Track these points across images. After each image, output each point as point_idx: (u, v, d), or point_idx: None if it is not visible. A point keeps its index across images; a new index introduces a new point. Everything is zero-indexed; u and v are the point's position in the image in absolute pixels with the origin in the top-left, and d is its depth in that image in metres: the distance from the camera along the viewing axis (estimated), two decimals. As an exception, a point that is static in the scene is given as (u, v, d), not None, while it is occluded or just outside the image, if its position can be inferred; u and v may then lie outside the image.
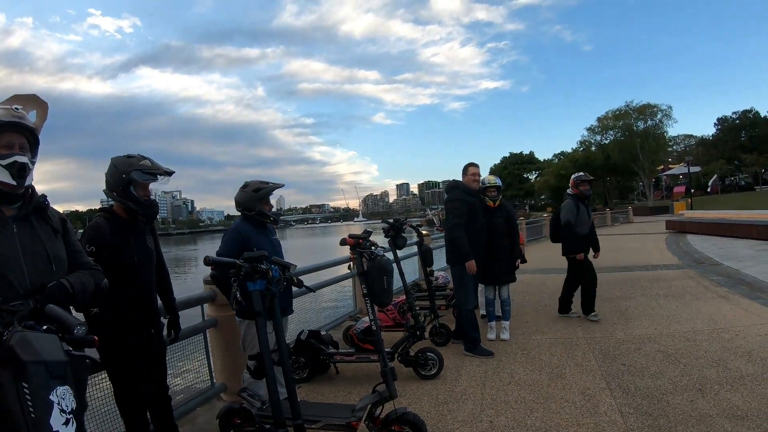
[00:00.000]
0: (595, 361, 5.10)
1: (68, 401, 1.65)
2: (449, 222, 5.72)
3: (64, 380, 1.67)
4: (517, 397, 4.31)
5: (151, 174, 3.02)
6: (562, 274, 10.95)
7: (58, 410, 1.60)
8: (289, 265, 2.93)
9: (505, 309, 6.09)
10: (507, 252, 5.95)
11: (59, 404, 1.61)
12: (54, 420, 1.58)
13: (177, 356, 4.23)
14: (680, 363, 4.84)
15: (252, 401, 3.49)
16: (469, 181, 5.83)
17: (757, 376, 4.34)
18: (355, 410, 3.44)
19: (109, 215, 3.08)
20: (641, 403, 4.01)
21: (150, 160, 3.07)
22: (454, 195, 5.78)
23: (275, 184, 3.96)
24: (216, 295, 4.41)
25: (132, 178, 2.97)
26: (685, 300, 7.68)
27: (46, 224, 2.27)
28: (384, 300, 3.87)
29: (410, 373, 4.93)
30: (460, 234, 5.51)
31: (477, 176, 5.87)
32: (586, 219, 6.96)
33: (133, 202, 3.01)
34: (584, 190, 7.05)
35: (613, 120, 60.69)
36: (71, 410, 1.66)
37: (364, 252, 3.83)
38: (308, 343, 4.92)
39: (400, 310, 6.08)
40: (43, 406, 1.56)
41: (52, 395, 1.60)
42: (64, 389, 1.65)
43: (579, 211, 6.85)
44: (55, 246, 2.27)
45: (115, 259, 2.95)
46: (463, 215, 5.57)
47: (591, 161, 64.29)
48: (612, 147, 60.40)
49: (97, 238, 2.94)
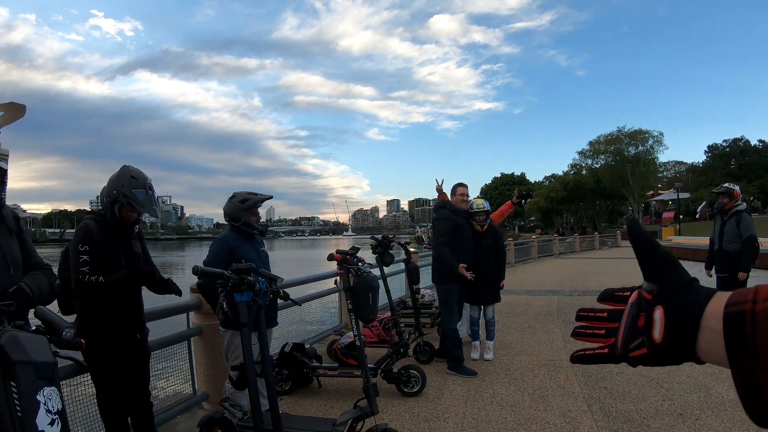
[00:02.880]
0: (578, 383, 5.11)
1: (55, 402, 1.67)
2: (435, 240, 5.76)
3: (52, 381, 1.68)
4: (498, 417, 4.32)
5: (134, 206, 3.07)
6: (549, 295, 11.05)
7: (44, 410, 1.61)
8: (276, 278, 2.94)
9: (489, 329, 6.09)
10: (493, 273, 5.96)
11: (46, 404, 1.62)
12: (40, 420, 1.59)
13: (161, 363, 4.22)
14: (662, 387, 4.87)
15: (233, 411, 3.49)
16: (457, 201, 5.90)
17: (737, 403, 4.31)
18: (336, 424, 3.45)
19: (98, 218, 3.10)
20: (622, 426, 4.03)
21: (147, 188, 3.12)
22: (442, 214, 5.83)
23: (262, 196, 3.98)
24: (202, 304, 4.41)
25: (118, 199, 3.04)
26: (668, 326, 7.67)
27: (1, 224, 2.30)
28: (368, 316, 3.89)
29: (393, 390, 4.93)
30: (445, 251, 5.54)
31: (465, 196, 5.94)
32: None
33: (112, 219, 3.07)
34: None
35: (605, 144, 61.20)
36: (57, 411, 1.66)
37: (350, 268, 3.86)
38: (292, 356, 4.91)
39: (384, 327, 6.09)
40: (29, 405, 1.57)
41: (39, 395, 1.61)
42: (51, 390, 1.66)
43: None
44: (11, 248, 2.29)
45: (102, 262, 2.97)
46: (449, 234, 5.62)
47: (581, 184, 64.82)
48: (603, 171, 60.86)
49: (88, 239, 2.97)
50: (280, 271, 3.35)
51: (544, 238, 29.80)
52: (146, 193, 3.11)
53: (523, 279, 14.45)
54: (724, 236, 6.17)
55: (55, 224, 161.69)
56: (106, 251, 3.02)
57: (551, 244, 27.06)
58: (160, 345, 4.08)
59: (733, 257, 6.04)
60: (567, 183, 67.93)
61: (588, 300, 10.61)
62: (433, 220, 6.04)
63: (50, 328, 1.81)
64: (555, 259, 23.64)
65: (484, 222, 5.95)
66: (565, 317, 8.63)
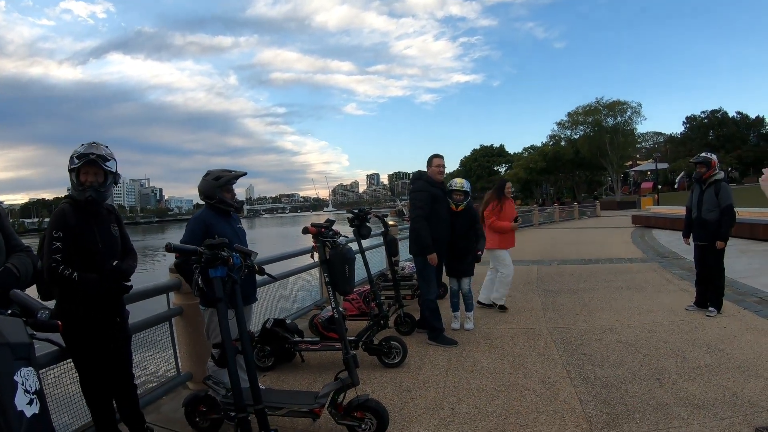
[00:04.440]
0: (557, 350, 5.20)
1: (32, 382, 1.67)
2: (412, 213, 5.74)
3: (29, 361, 1.68)
4: (479, 385, 4.39)
5: (75, 158, 3.00)
6: (528, 265, 11.16)
7: (22, 390, 1.61)
8: (250, 252, 2.93)
9: (467, 301, 6.11)
10: (466, 251, 5.94)
11: (23, 385, 1.62)
12: (18, 400, 1.59)
13: (143, 345, 4.21)
14: (640, 353, 4.96)
15: (217, 389, 3.50)
16: (433, 172, 5.82)
17: (714, 367, 4.47)
18: (318, 397, 3.48)
19: (73, 201, 3.06)
20: (600, 391, 4.11)
21: (91, 144, 3.06)
22: (418, 186, 5.79)
23: (237, 172, 3.93)
24: (181, 284, 4.38)
25: (72, 168, 2.99)
26: (647, 292, 7.84)
27: None
28: (345, 288, 3.90)
29: (375, 362, 4.98)
30: (422, 225, 5.54)
31: (441, 167, 5.85)
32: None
33: (73, 187, 3.03)
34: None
35: (583, 115, 61.38)
36: (35, 390, 1.66)
37: (326, 240, 3.85)
38: (273, 332, 4.92)
39: (365, 300, 6.11)
40: (7, 386, 1.57)
41: (17, 376, 1.61)
42: (28, 370, 1.66)
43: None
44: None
45: (79, 244, 2.94)
46: (426, 206, 5.62)
47: (560, 155, 65.14)
48: (581, 142, 61.14)
49: (62, 224, 2.93)
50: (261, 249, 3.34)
51: (524, 209, 29.99)
52: (88, 146, 3.05)
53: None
54: (703, 205, 6.20)
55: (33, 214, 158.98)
56: (81, 235, 2.98)
57: (531, 214, 27.25)
58: (141, 327, 4.05)
59: (711, 226, 6.09)
60: (546, 154, 68.25)
61: (567, 268, 10.78)
62: (410, 192, 6.01)
63: (25, 310, 1.79)
64: (535, 230, 23.84)
65: (460, 202, 5.88)
66: (545, 286, 8.76)
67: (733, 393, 3.91)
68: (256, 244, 4.07)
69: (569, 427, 3.54)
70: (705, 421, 3.48)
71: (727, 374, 4.30)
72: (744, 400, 3.77)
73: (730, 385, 4.07)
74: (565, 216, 31.12)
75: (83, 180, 3.03)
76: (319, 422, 3.64)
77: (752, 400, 3.77)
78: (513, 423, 3.65)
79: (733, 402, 3.75)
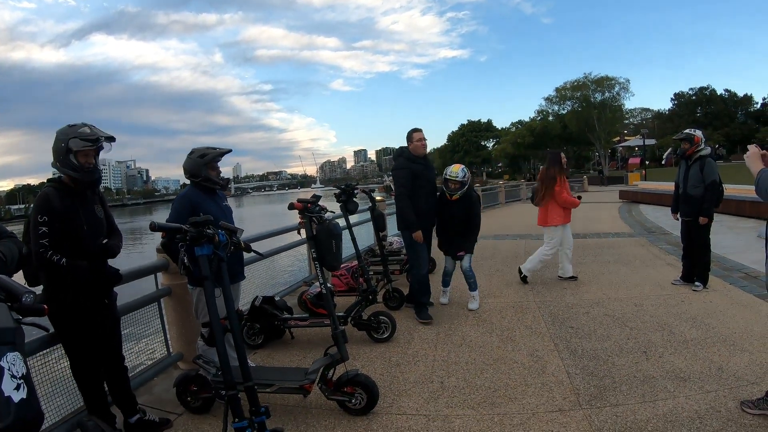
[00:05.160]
0: (545, 324, 5.25)
1: (18, 367, 1.65)
2: (396, 191, 5.67)
3: (14, 346, 1.66)
4: (468, 359, 4.43)
5: (88, 140, 2.96)
6: (515, 239, 11.22)
7: (8, 375, 1.60)
8: (236, 229, 2.91)
9: (469, 281, 5.95)
10: (461, 236, 5.82)
11: (9, 370, 1.61)
12: (5, 385, 1.58)
13: (132, 326, 4.19)
14: (627, 327, 5.02)
15: (207, 368, 3.50)
16: (416, 147, 5.66)
17: (700, 341, 4.53)
18: (308, 373, 3.50)
19: (57, 185, 3.02)
20: (588, 364, 4.17)
21: (90, 126, 3.01)
22: (399, 163, 5.71)
23: (221, 150, 3.89)
24: (169, 264, 4.35)
25: (69, 146, 2.93)
26: (634, 266, 7.90)
27: None
28: (333, 263, 3.89)
29: (364, 337, 5.01)
30: (405, 203, 5.49)
31: (422, 141, 5.68)
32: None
33: (74, 170, 2.96)
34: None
35: (571, 91, 61.27)
36: (22, 375, 1.65)
37: (312, 216, 3.84)
38: (262, 309, 4.92)
39: (353, 275, 6.12)
40: None
41: (2, 361, 1.60)
42: (14, 355, 1.65)
43: None
44: None
45: (65, 228, 2.92)
46: (408, 184, 5.54)
47: (548, 130, 65.18)
48: (569, 117, 61.14)
49: (47, 208, 2.89)
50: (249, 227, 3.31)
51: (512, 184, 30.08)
52: (90, 127, 3.02)
53: (491, 224, 14.69)
54: (689, 181, 6.21)
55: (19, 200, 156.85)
56: (67, 218, 2.95)
57: (518, 189, 27.37)
58: (130, 309, 4.02)
59: (696, 202, 6.10)
60: (534, 129, 68.35)
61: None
62: (392, 170, 5.95)
63: (9, 295, 1.78)
64: (522, 204, 23.87)
65: (454, 191, 5.66)
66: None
67: (719, 366, 3.96)
68: (244, 223, 4.07)
69: (557, 399, 3.59)
70: (691, 394, 3.54)
71: (713, 348, 4.36)
72: (729, 374, 3.82)
73: (716, 358, 4.13)
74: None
75: (83, 162, 3.00)
76: (309, 398, 3.67)
77: (737, 373, 3.83)
78: (502, 395, 3.70)
79: (719, 375, 3.81)
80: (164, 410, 3.72)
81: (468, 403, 3.61)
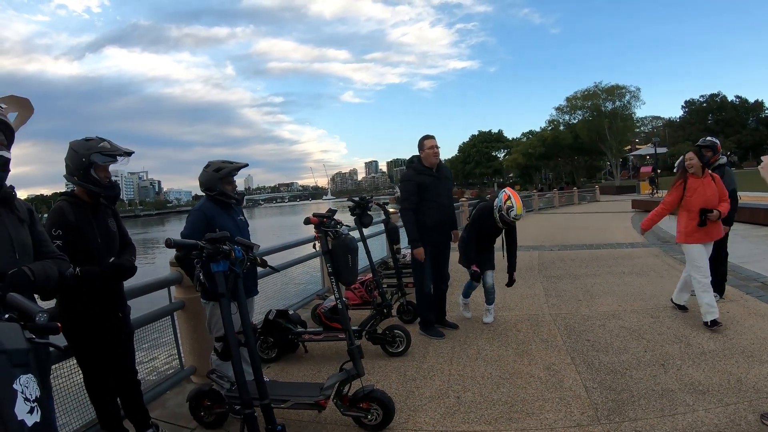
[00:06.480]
0: (561, 337, 5.19)
1: (32, 389, 1.62)
2: (400, 203, 5.52)
3: (27, 368, 1.64)
4: (483, 373, 4.38)
5: (110, 156, 2.98)
6: (529, 251, 11.15)
7: (22, 399, 1.57)
8: (252, 245, 2.90)
9: (490, 296, 5.83)
10: (492, 251, 5.76)
11: (23, 393, 1.58)
12: (18, 409, 1.55)
13: (146, 340, 4.18)
14: (644, 339, 4.94)
15: (221, 383, 3.49)
16: (427, 155, 5.38)
17: (718, 353, 4.44)
18: (323, 389, 3.47)
19: (71, 199, 3.03)
20: (605, 378, 4.10)
21: (108, 141, 3.03)
22: (405, 175, 5.59)
23: (237, 164, 3.88)
24: (182, 277, 4.34)
25: (92, 161, 2.94)
26: (649, 278, 7.80)
27: (12, 213, 2.29)
28: (349, 278, 3.88)
29: (378, 351, 4.97)
30: (408, 218, 5.35)
31: (434, 149, 5.38)
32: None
33: (95, 185, 2.98)
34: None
35: (582, 100, 61.37)
36: (35, 398, 1.63)
37: (328, 230, 3.82)
38: (276, 323, 4.90)
39: (367, 289, 6.08)
40: (6, 395, 1.52)
41: (16, 384, 1.57)
42: (27, 377, 1.62)
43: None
44: (20, 234, 2.29)
45: (79, 242, 2.92)
46: (412, 197, 5.32)
47: (559, 140, 65.06)
48: (580, 127, 61.15)
49: (62, 222, 2.90)
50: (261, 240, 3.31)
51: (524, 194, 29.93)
52: (109, 143, 3.03)
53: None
54: None
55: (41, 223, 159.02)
56: (81, 231, 2.95)
57: (530, 200, 27.25)
58: (143, 322, 4.02)
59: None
60: (545, 139, 68.26)
61: (568, 254, 10.78)
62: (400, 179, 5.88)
63: (23, 314, 1.76)
64: (534, 215, 23.81)
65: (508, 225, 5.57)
66: (546, 272, 8.74)
67: (738, 379, 3.89)
68: (256, 235, 4.05)
69: (575, 414, 3.53)
70: (710, 407, 3.47)
71: (731, 360, 4.28)
72: (749, 386, 3.75)
73: (735, 370, 4.05)
74: (564, 201, 31.11)
75: (102, 176, 3.02)
76: (324, 414, 3.64)
77: (757, 385, 3.76)
78: (519, 410, 3.65)
79: (738, 388, 3.73)
80: (177, 424, 3.71)
81: (485, 419, 3.56)
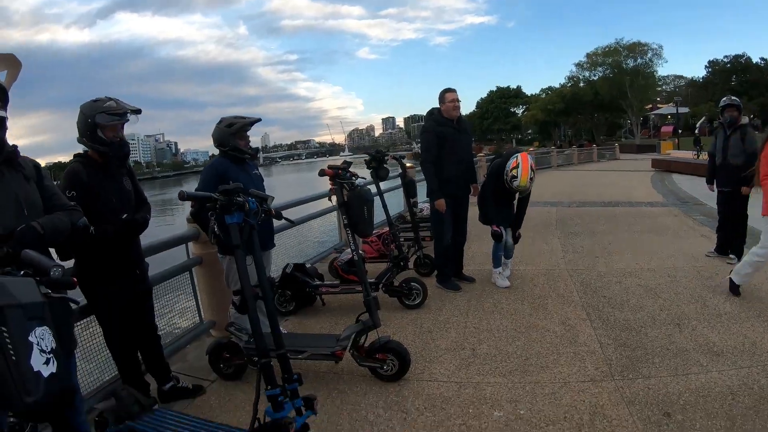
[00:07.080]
0: (577, 292, 5.19)
1: (47, 341, 1.65)
2: (421, 156, 5.46)
3: (42, 321, 1.66)
4: (499, 326, 4.41)
5: (115, 114, 2.95)
6: (547, 207, 11.09)
7: (38, 350, 1.60)
8: (267, 196, 2.88)
9: (507, 252, 5.68)
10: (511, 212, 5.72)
11: (38, 344, 1.61)
12: (34, 360, 1.58)
13: (165, 296, 4.24)
14: (660, 298, 4.92)
15: (239, 335, 3.54)
16: (447, 108, 5.31)
17: (734, 315, 4.39)
18: (339, 340, 3.51)
19: (84, 160, 3.02)
20: (620, 334, 4.11)
21: (116, 100, 2.99)
22: (426, 126, 5.53)
23: (250, 119, 3.84)
24: (199, 233, 4.37)
25: (97, 121, 2.91)
26: (667, 237, 7.74)
27: (17, 172, 2.28)
28: (365, 230, 3.87)
29: (395, 303, 5.00)
30: (428, 169, 5.31)
31: (455, 102, 5.32)
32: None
33: (102, 144, 2.96)
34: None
35: (602, 56, 59.89)
36: (51, 350, 1.66)
37: (343, 182, 3.79)
38: (294, 277, 4.94)
39: (384, 242, 6.12)
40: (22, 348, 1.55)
41: (31, 336, 1.60)
42: (43, 330, 1.65)
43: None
44: (27, 191, 2.28)
45: (94, 202, 2.92)
46: (433, 148, 5.29)
47: (579, 97, 63.88)
48: (600, 83, 59.85)
49: (75, 182, 2.90)
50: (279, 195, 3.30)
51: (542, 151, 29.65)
52: (115, 101, 3.01)
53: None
54: (729, 150, 5.99)
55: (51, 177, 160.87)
56: (95, 191, 2.95)
57: (549, 156, 26.98)
58: (162, 278, 4.07)
59: (737, 171, 5.77)
60: (564, 95, 66.94)
61: (586, 211, 10.72)
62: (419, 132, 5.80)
63: (37, 269, 1.78)
64: (553, 171, 23.62)
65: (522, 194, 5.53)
66: (564, 228, 8.74)
67: (753, 342, 3.85)
68: (274, 191, 4.03)
69: (589, 369, 3.55)
70: (724, 369, 3.45)
71: (747, 323, 4.22)
72: (763, 350, 3.71)
73: (750, 333, 4.01)
74: (583, 158, 30.69)
75: (110, 136, 2.98)
76: (341, 364, 3.69)
77: (771, 350, 3.74)
78: (534, 364, 3.67)
79: (752, 351, 3.70)
80: (197, 377, 3.77)
81: (499, 371, 3.60)
